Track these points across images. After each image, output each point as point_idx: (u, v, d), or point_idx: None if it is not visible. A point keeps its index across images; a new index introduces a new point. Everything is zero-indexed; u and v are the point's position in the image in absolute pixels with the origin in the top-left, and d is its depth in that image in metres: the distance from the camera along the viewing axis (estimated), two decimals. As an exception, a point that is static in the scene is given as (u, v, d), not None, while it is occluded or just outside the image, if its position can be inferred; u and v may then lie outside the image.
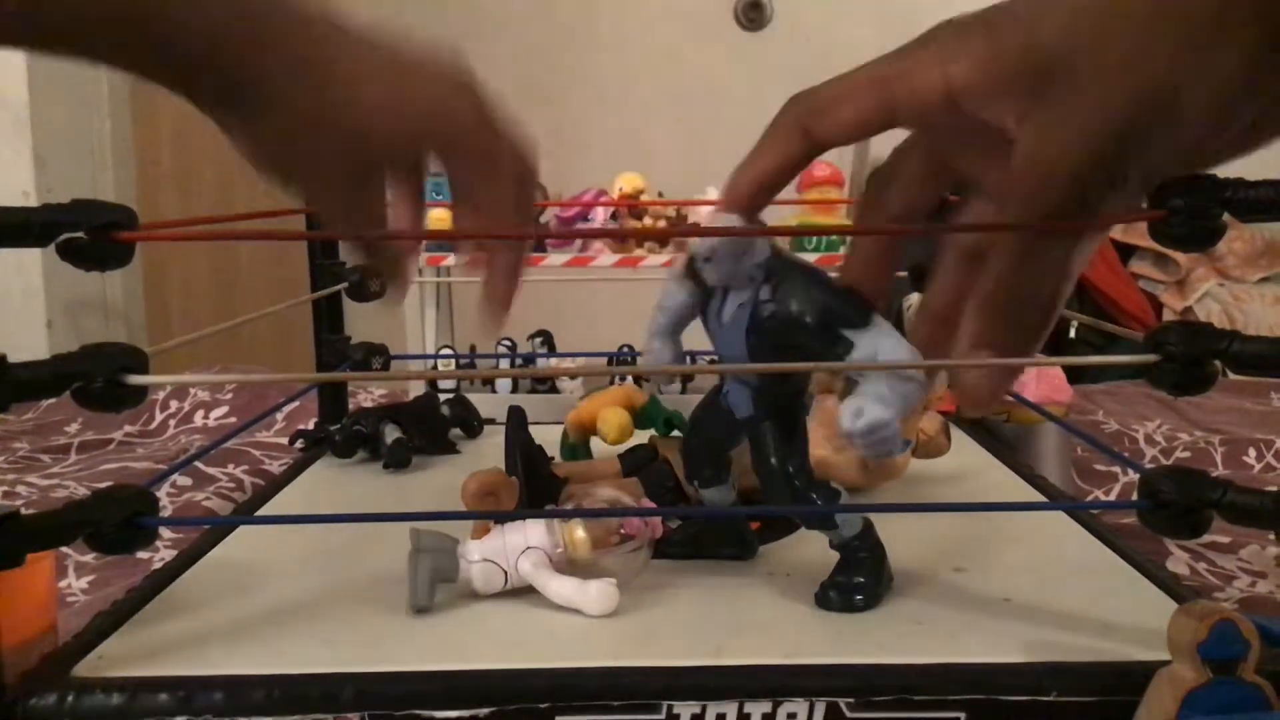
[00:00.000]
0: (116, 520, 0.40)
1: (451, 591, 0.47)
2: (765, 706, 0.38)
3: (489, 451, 0.69)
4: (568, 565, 0.47)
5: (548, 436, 0.65)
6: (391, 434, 0.69)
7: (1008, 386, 0.39)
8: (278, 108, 0.40)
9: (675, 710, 0.38)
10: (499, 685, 0.39)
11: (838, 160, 1.14)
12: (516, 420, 0.60)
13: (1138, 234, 2.07)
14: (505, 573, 0.46)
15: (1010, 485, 0.66)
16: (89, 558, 0.69)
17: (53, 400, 0.97)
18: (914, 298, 0.90)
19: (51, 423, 1.12)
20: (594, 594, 0.45)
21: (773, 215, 0.42)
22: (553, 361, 1.09)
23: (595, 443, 0.68)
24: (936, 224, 0.39)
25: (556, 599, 0.45)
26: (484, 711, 0.38)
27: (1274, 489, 0.40)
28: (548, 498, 0.56)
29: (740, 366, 0.44)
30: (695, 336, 0.48)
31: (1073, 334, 1.98)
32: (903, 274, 0.84)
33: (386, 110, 0.41)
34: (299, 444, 0.76)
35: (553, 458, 0.62)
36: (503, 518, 0.50)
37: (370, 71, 0.41)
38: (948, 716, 0.38)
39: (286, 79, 0.39)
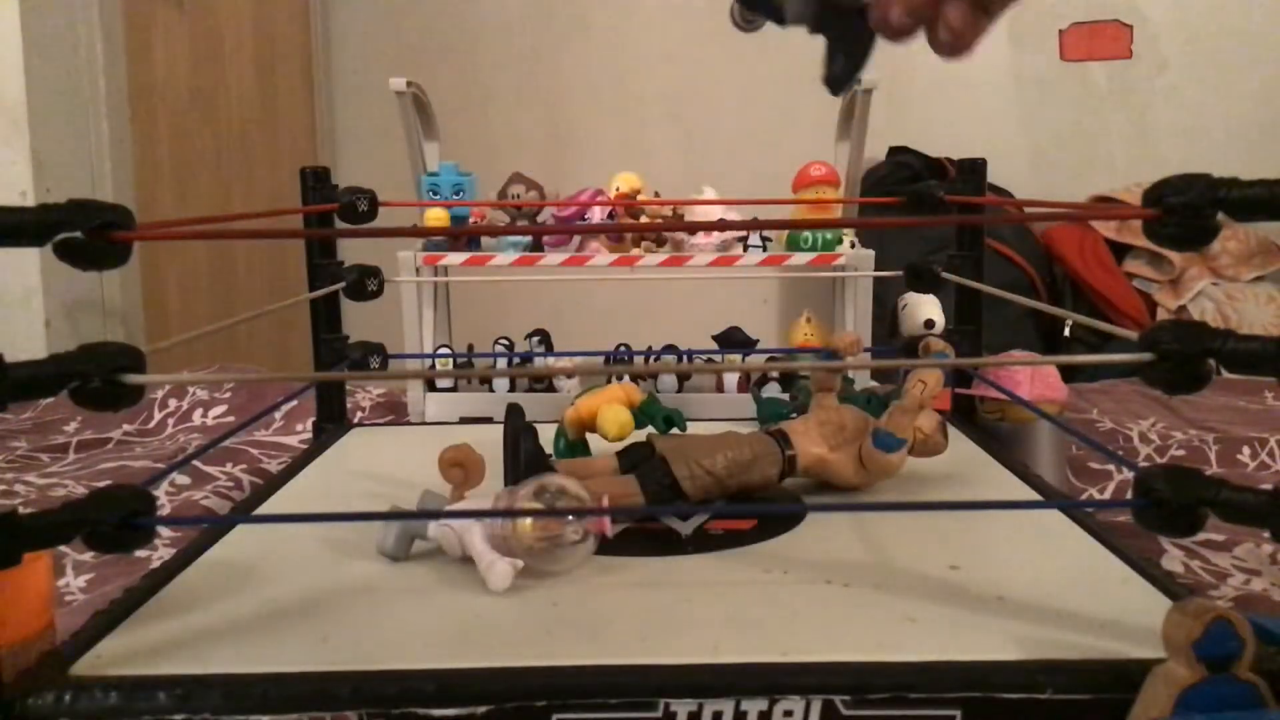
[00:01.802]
0: (114, 520, 0.40)
1: (421, 550, 0.52)
2: (762, 704, 0.39)
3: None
4: (510, 547, 0.49)
5: (544, 435, 0.65)
6: None
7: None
8: None
9: (672, 708, 0.38)
10: (496, 683, 0.39)
11: (833, 160, 1.14)
12: (515, 418, 0.60)
13: (1132, 233, 2.07)
14: (459, 538, 0.51)
15: (1005, 483, 0.66)
16: (87, 556, 0.69)
17: (51, 399, 0.97)
18: (909, 297, 0.91)
19: (50, 421, 1.12)
20: (497, 568, 0.48)
21: (769, 213, 0.42)
22: (550, 360, 1.09)
23: (593, 440, 0.68)
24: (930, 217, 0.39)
25: (473, 555, 0.49)
26: (481, 709, 0.38)
27: (1268, 487, 0.40)
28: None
29: (737, 367, 0.44)
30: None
31: (1067, 333, 1.99)
32: (898, 273, 0.84)
33: None
34: None
35: (550, 455, 0.63)
36: (487, 515, 0.50)
37: None
38: (943, 714, 0.39)
39: None
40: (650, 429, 0.68)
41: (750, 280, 2.13)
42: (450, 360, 1.09)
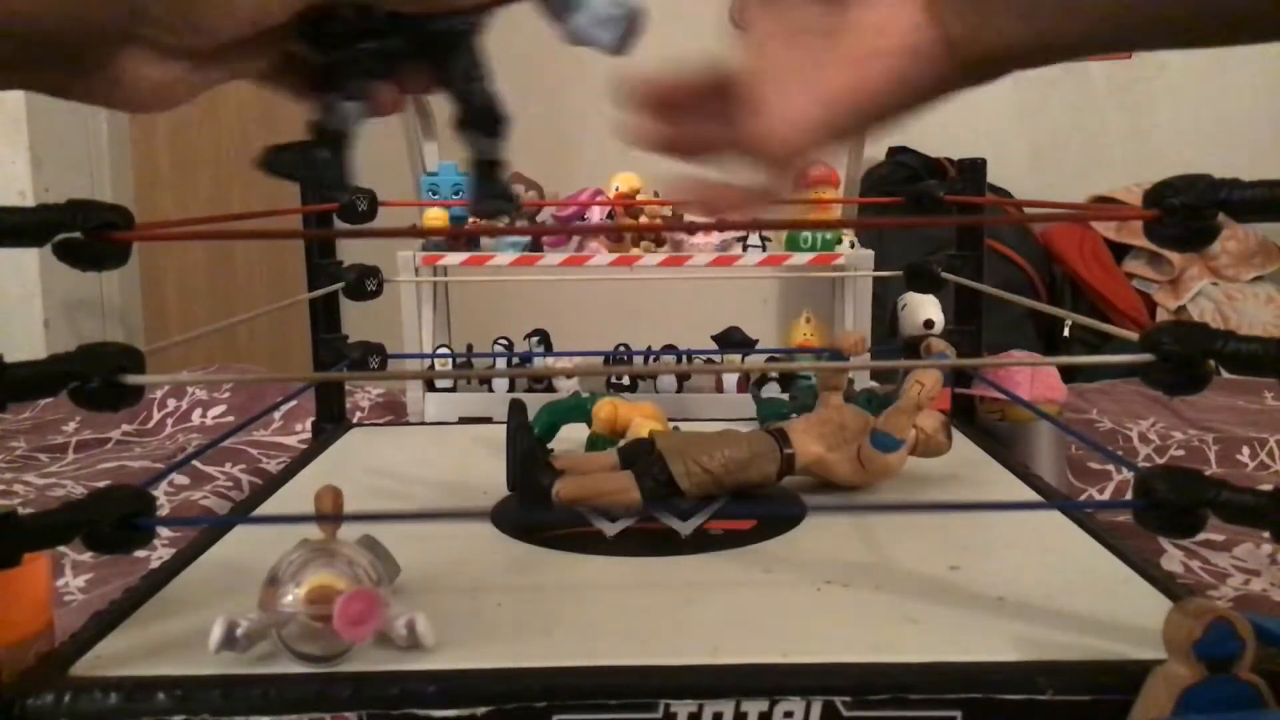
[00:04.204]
0: (113, 520, 0.40)
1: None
2: (762, 705, 0.38)
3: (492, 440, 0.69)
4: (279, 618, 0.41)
5: (575, 434, 0.67)
6: None
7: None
8: None
9: (672, 709, 0.38)
10: (496, 684, 0.39)
11: (832, 160, 1.14)
12: (516, 415, 0.60)
13: (1132, 233, 2.07)
14: None
15: (1005, 483, 0.66)
16: (86, 557, 0.69)
17: (50, 399, 0.97)
18: (909, 297, 0.91)
19: (49, 422, 1.12)
20: (419, 625, 0.42)
21: (768, 213, 0.42)
22: (549, 360, 1.09)
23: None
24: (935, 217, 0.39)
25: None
26: (481, 710, 0.38)
27: (1268, 488, 0.40)
28: (543, 490, 0.56)
29: (737, 367, 0.44)
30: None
31: (1067, 333, 1.99)
32: (898, 273, 0.84)
33: None
34: None
35: (551, 449, 0.63)
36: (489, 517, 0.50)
37: None
38: (944, 715, 0.39)
39: None
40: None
41: (750, 280, 2.13)
42: (450, 360, 1.09)
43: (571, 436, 0.69)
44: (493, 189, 0.44)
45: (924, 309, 0.89)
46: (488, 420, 1.00)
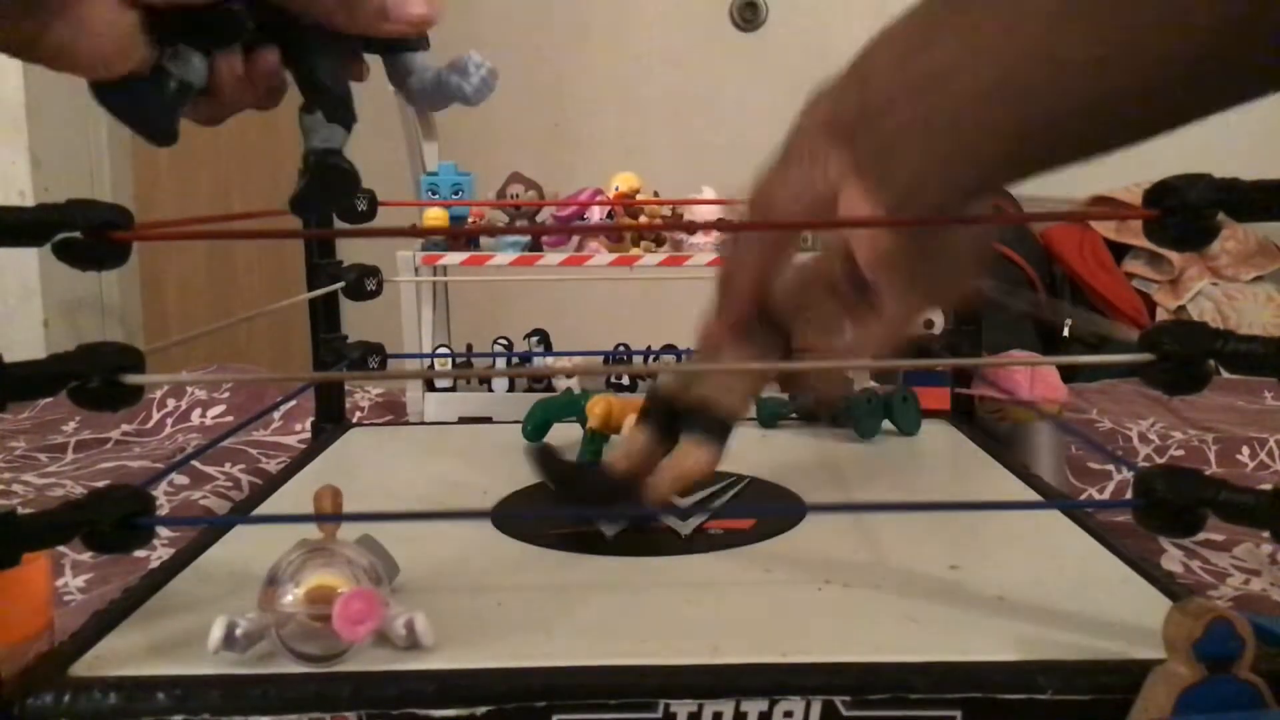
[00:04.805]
0: (113, 520, 0.40)
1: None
2: (762, 705, 0.38)
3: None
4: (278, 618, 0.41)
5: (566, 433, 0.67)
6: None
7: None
8: None
9: (672, 709, 0.38)
10: (496, 684, 0.39)
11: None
12: (540, 457, 0.55)
13: (1131, 233, 2.07)
14: None
15: (1005, 483, 0.66)
16: (86, 556, 0.69)
17: (50, 399, 0.97)
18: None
19: (49, 421, 1.12)
20: (418, 624, 0.42)
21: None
22: (549, 360, 1.09)
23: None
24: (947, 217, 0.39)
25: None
26: (481, 710, 0.38)
27: (1268, 487, 0.40)
28: (616, 491, 0.51)
29: (736, 367, 0.44)
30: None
31: (1066, 333, 1.99)
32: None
33: None
34: None
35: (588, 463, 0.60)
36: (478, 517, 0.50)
37: None
38: (944, 715, 0.39)
39: None
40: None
41: (749, 280, 2.13)
42: (450, 360, 1.09)
43: (563, 434, 0.69)
44: (334, 182, 0.44)
45: (924, 309, 0.89)
46: (488, 420, 1.00)
